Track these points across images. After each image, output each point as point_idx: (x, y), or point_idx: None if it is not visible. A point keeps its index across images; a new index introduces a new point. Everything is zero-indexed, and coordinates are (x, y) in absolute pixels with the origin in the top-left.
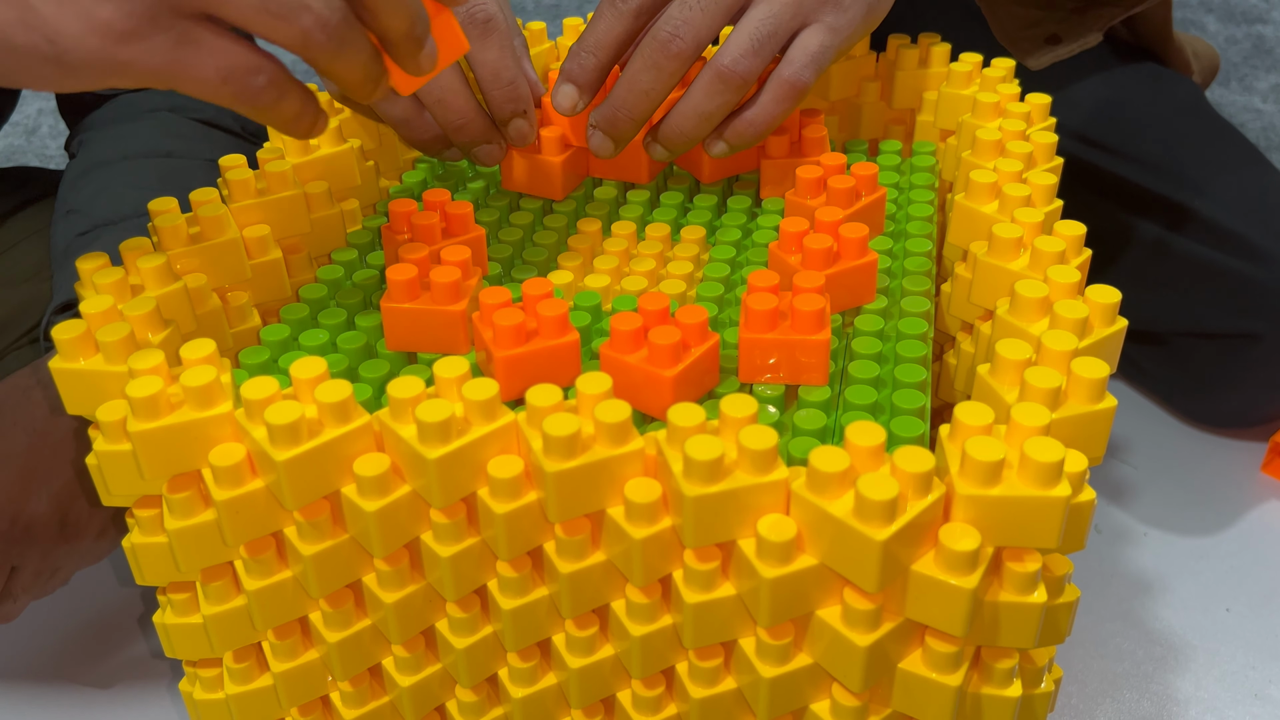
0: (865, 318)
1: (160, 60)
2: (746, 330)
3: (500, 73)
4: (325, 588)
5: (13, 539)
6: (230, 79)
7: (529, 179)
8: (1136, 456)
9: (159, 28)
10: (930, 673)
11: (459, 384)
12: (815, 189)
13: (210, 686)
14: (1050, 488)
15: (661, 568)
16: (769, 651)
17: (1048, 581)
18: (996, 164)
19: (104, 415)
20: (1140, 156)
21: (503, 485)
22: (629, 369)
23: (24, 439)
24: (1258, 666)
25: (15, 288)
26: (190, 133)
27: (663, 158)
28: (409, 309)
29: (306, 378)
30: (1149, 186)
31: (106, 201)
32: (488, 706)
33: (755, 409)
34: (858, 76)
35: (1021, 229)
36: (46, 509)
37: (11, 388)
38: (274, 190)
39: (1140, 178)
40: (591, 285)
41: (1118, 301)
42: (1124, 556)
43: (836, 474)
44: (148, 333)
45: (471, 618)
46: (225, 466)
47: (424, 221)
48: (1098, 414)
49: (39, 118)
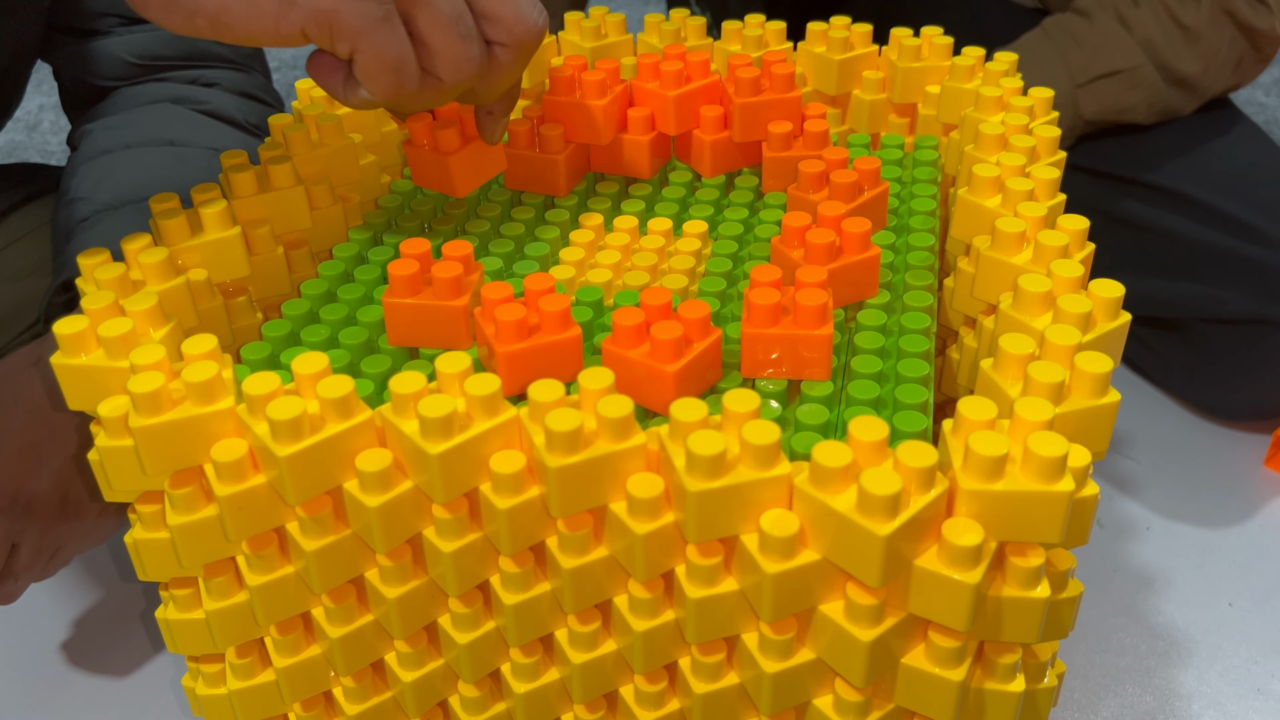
0: (868, 312)
1: (362, 24)
2: (749, 325)
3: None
4: (327, 583)
5: (14, 515)
6: (399, 67)
7: (531, 177)
8: (1140, 451)
9: (377, 0)
10: (933, 668)
11: (461, 379)
12: (818, 183)
13: (213, 682)
14: (1053, 483)
15: (664, 563)
16: (772, 646)
17: (1051, 576)
18: (999, 158)
19: (106, 411)
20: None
21: (505, 480)
22: (631, 364)
23: (24, 416)
24: (1260, 661)
25: (17, 283)
26: (192, 123)
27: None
28: (411, 304)
29: (308, 373)
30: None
31: (108, 187)
32: (490, 702)
33: (758, 404)
34: (859, 70)
35: (1024, 223)
36: (47, 486)
37: (12, 366)
38: (275, 185)
39: (1158, 170)
40: (593, 280)
41: (1121, 296)
42: (1127, 551)
43: (839, 469)
44: (149, 328)
45: (474, 613)
46: (227, 462)
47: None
48: (1101, 409)
49: (40, 113)
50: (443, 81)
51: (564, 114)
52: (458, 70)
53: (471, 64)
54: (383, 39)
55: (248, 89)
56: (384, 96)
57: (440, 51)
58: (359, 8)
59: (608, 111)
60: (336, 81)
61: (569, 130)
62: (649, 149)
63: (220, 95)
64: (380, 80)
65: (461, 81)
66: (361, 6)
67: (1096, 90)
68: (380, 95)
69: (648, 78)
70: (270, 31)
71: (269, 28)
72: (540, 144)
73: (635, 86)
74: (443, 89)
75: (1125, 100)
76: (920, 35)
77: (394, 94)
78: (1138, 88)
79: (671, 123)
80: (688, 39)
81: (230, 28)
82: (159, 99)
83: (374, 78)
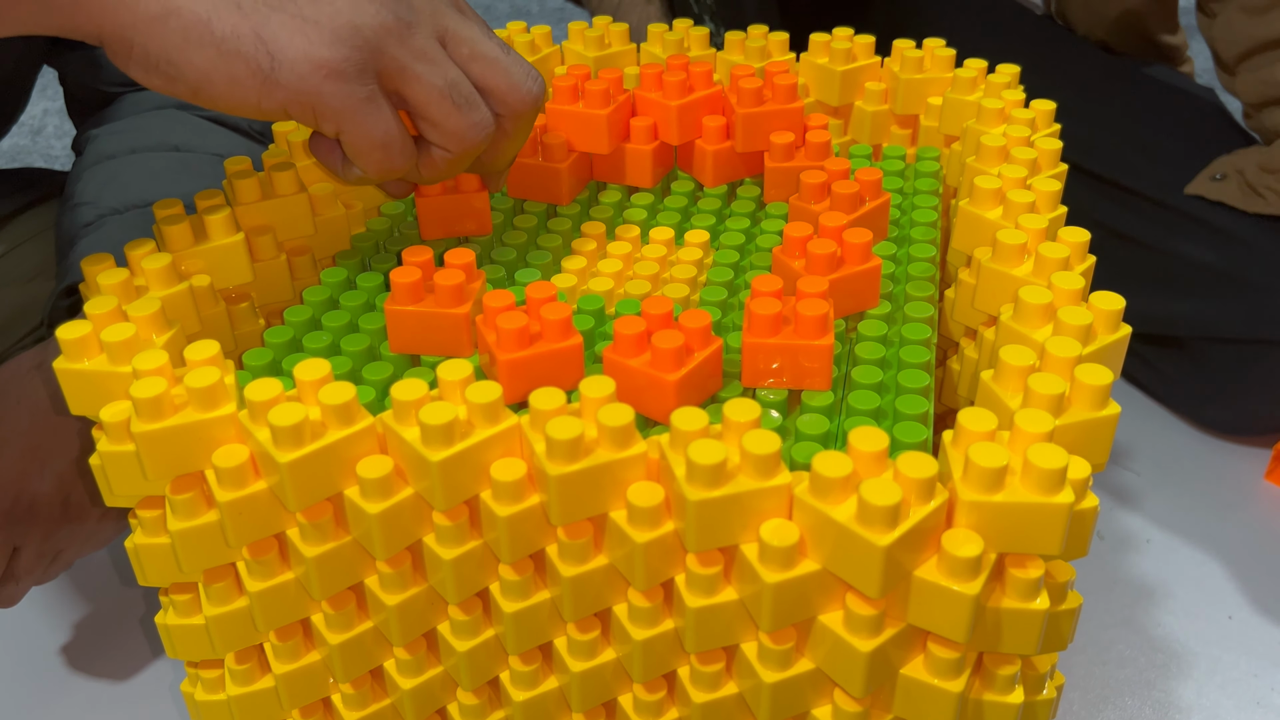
0: (868, 323)
1: (344, 106)
2: (750, 335)
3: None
4: (327, 589)
5: (15, 518)
6: (386, 145)
7: (534, 186)
8: (1140, 463)
9: (359, 81)
10: (932, 679)
11: (462, 387)
12: (819, 194)
13: (212, 688)
14: (1053, 494)
15: (664, 572)
16: (771, 656)
17: (1050, 588)
18: (1001, 170)
19: (108, 416)
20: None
21: (505, 488)
22: (632, 373)
23: (27, 419)
24: (1260, 674)
25: (19, 287)
26: (197, 128)
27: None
28: (413, 311)
29: (310, 380)
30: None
31: (113, 192)
32: (489, 709)
33: (758, 414)
34: (862, 81)
35: (1025, 235)
36: (50, 488)
37: (15, 369)
38: (279, 192)
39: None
40: (595, 289)
41: (1122, 308)
42: (1126, 563)
43: (839, 479)
44: (152, 334)
45: (473, 620)
46: (228, 468)
47: None
48: (1101, 420)
49: (44, 118)
50: (449, 152)
51: (567, 123)
52: (462, 139)
53: (476, 130)
54: (366, 119)
55: None
56: (376, 174)
57: (440, 123)
58: (340, 89)
59: (611, 121)
60: (335, 160)
61: (572, 139)
62: (651, 158)
63: None
64: (369, 159)
65: (470, 150)
66: (343, 88)
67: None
68: (373, 173)
69: (651, 87)
70: (252, 107)
71: (251, 103)
72: (543, 153)
73: (638, 96)
74: (451, 159)
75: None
76: (923, 47)
77: (385, 171)
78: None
79: (674, 132)
80: (691, 49)
81: (212, 99)
82: (164, 104)
83: (363, 156)
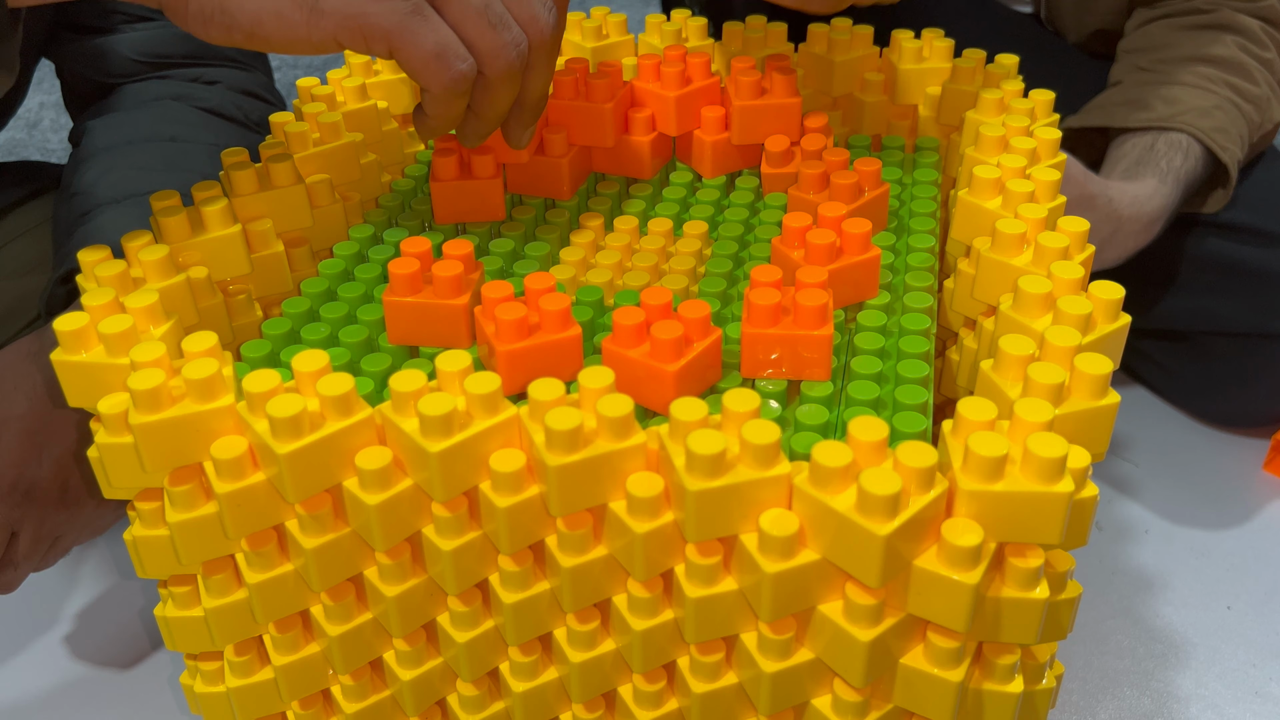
0: (868, 313)
1: (393, 23)
2: (749, 325)
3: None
4: (326, 581)
5: (13, 503)
6: (442, 56)
7: (535, 181)
8: (1139, 454)
9: None
10: (932, 668)
11: (461, 378)
12: (818, 184)
13: (211, 680)
14: (1053, 483)
15: (663, 562)
16: (770, 646)
17: (1050, 578)
18: (1000, 160)
19: (105, 408)
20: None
21: (504, 479)
22: (631, 363)
23: (25, 404)
24: (1258, 664)
25: (17, 280)
26: (194, 120)
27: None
28: (411, 303)
29: (308, 371)
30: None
31: (110, 183)
32: (488, 700)
33: (757, 404)
34: (861, 72)
35: (1025, 225)
36: (48, 473)
37: (14, 354)
38: (276, 183)
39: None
40: (594, 280)
41: (1121, 297)
42: (1125, 553)
43: (839, 469)
44: (149, 325)
45: (473, 612)
46: (227, 459)
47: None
48: (1101, 410)
49: (40, 111)
50: (485, 76)
51: (568, 117)
52: (496, 60)
53: (510, 50)
54: (415, 31)
55: (249, 87)
56: (441, 87)
57: (475, 43)
58: (385, 6)
59: (614, 115)
60: (420, 120)
61: (573, 133)
62: (650, 149)
63: (222, 93)
64: (429, 73)
65: (504, 73)
66: (388, 5)
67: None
68: (438, 88)
69: (649, 78)
70: (304, 40)
71: (302, 36)
72: (544, 147)
73: (636, 87)
74: (489, 86)
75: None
76: (921, 37)
77: (449, 83)
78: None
79: (672, 123)
80: (689, 40)
81: (266, 40)
82: (161, 96)
83: (422, 72)
